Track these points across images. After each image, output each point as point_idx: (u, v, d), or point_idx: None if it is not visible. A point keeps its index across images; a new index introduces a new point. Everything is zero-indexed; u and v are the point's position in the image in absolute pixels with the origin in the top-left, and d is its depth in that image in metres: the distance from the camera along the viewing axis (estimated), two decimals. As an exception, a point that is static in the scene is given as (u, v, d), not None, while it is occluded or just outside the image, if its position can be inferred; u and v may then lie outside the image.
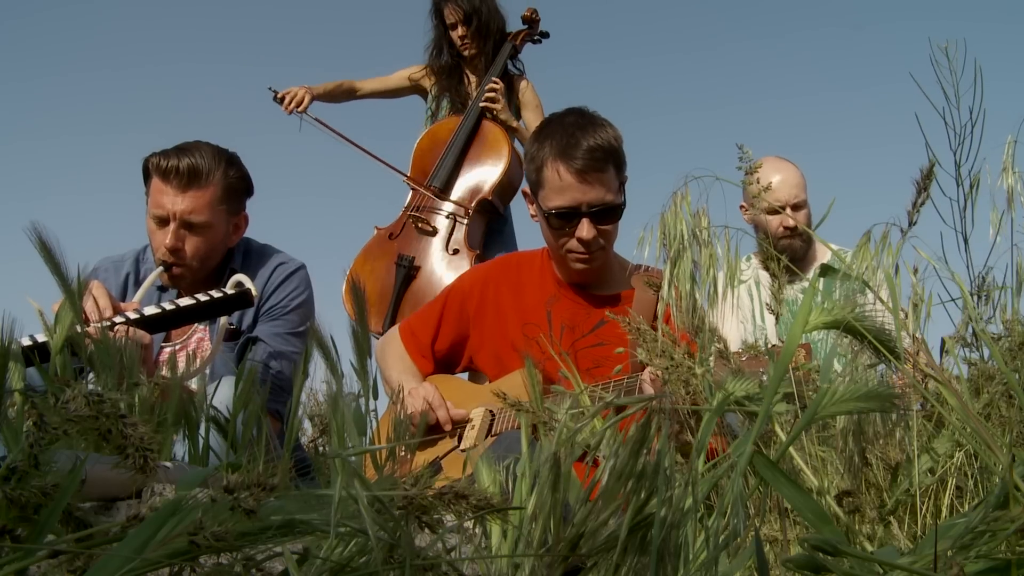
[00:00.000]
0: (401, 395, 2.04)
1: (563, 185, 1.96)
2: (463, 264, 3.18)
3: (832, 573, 0.58)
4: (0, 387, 0.99)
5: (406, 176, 3.40)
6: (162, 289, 2.14)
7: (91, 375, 1.27)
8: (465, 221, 3.29)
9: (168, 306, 1.74)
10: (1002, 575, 0.61)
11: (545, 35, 3.79)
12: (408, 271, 3.20)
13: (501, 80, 3.50)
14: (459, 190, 3.35)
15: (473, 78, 3.60)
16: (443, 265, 3.23)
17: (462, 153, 3.40)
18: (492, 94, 3.43)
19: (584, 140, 1.94)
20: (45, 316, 1.48)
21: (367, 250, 3.37)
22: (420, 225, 3.29)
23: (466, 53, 3.56)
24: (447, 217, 3.30)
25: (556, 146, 1.96)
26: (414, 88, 3.69)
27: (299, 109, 3.37)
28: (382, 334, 3.04)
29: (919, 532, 0.92)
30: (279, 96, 3.39)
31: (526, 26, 3.72)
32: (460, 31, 3.52)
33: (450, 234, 3.28)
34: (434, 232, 3.29)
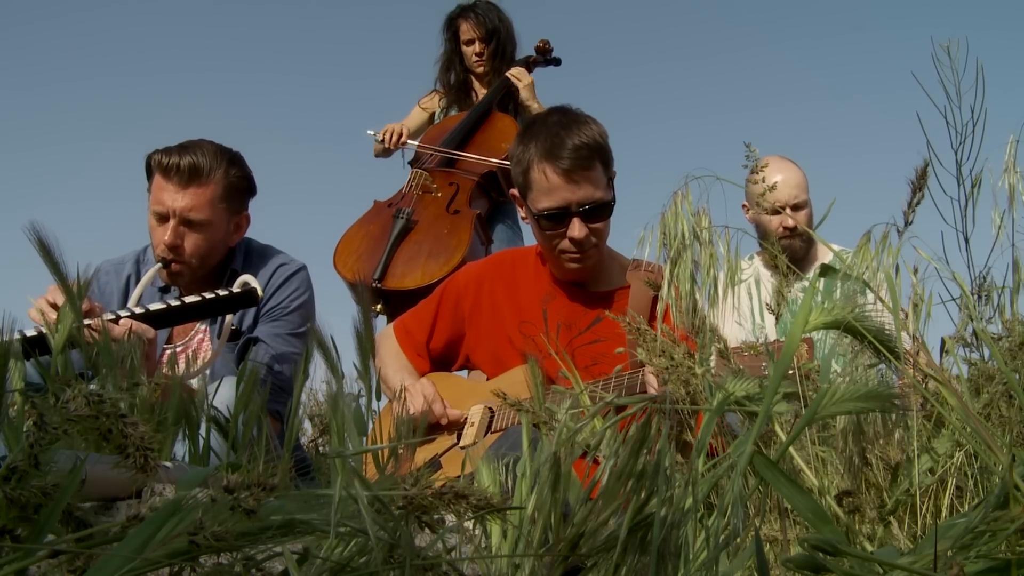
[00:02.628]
0: (401, 394, 2.04)
1: (551, 186, 1.95)
2: (463, 224, 3.13)
3: (832, 573, 0.58)
4: (0, 387, 0.99)
5: (451, 151, 3.37)
6: (164, 290, 2.14)
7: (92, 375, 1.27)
8: (469, 188, 3.27)
9: (173, 302, 1.74)
10: (1002, 575, 0.61)
11: (558, 62, 3.83)
12: (406, 223, 3.15)
13: (509, 99, 3.54)
14: (466, 160, 3.35)
15: (482, 92, 3.62)
16: (443, 222, 3.18)
17: (472, 130, 3.42)
18: (518, 71, 3.47)
19: (569, 139, 1.93)
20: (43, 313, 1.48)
21: (363, 218, 3.33)
22: (422, 185, 3.28)
23: (479, 70, 3.59)
24: (450, 184, 3.29)
25: (541, 147, 1.95)
26: (430, 117, 3.71)
27: (400, 142, 3.43)
28: (372, 284, 2.97)
29: (919, 532, 0.92)
30: (380, 138, 3.47)
31: (539, 55, 3.77)
32: (478, 47, 3.56)
33: (452, 197, 3.25)
34: (436, 192, 3.27)
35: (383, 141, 3.44)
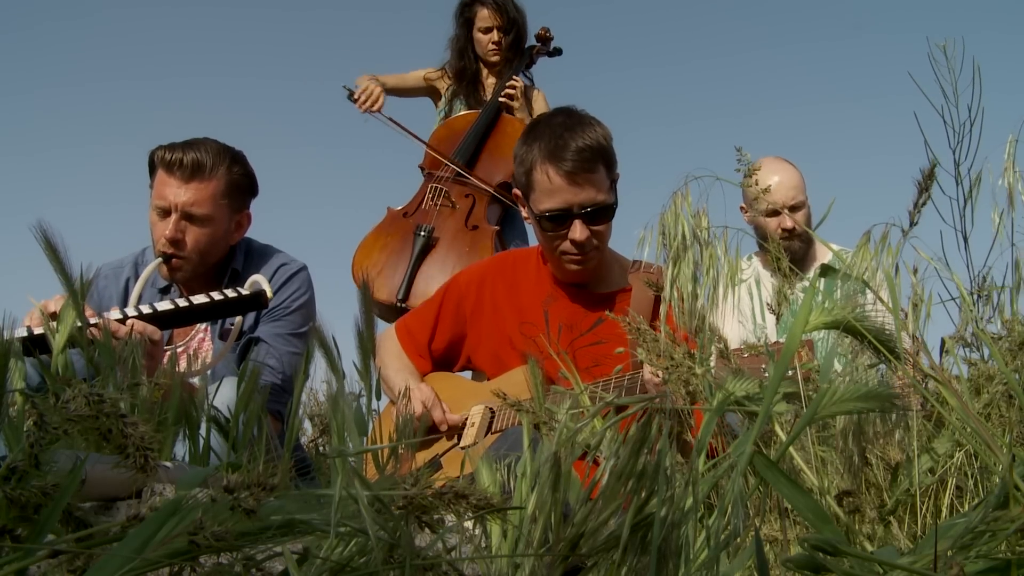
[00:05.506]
0: (403, 395, 2.04)
1: (553, 187, 1.94)
2: (483, 240, 3.12)
3: (832, 573, 0.58)
4: (1, 387, 0.99)
5: (452, 161, 3.31)
6: (164, 291, 2.14)
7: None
8: (485, 199, 3.24)
9: (182, 302, 1.73)
10: (1002, 575, 0.61)
11: (559, 52, 3.80)
12: (427, 240, 3.12)
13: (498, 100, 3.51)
14: (480, 170, 3.32)
15: (490, 82, 3.59)
16: (463, 239, 3.16)
17: (482, 140, 3.38)
18: (512, 90, 3.44)
19: (572, 141, 1.92)
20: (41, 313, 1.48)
21: (379, 227, 3.30)
22: (440, 200, 3.25)
23: (493, 59, 3.54)
24: (467, 196, 3.26)
25: (545, 148, 1.94)
26: (428, 90, 3.66)
27: (374, 109, 3.34)
28: (396, 304, 2.97)
29: (919, 532, 0.92)
30: (355, 96, 3.34)
31: (540, 43, 3.74)
32: (496, 36, 3.51)
33: (470, 210, 3.23)
34: (454, 207, 3.24)
35: (356, 101, 3.35)
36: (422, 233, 3.13)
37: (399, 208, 3.35)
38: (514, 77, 3.48)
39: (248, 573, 0.50)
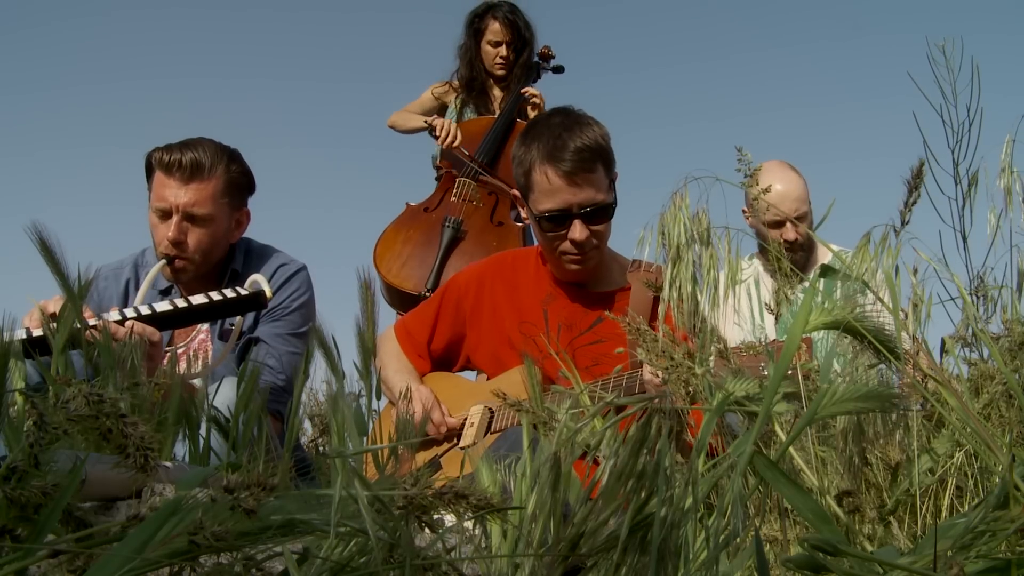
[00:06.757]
0: (403, 397, 2.04)
1: (552, 188, 1.94)
2: (510, 237, 3.12)
3: (832, 573, 0.58)
4: (1, 387, 0.99)
5: (478, 162, 3.30)
6: (165, 292, 2.14)
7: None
8: (507, 200, 3.24)
9: (180, 303, 1.73)
10: (1002, 575, 0.61)
11: (561, 69, 3.81)
12: (456, 232, 3.12)
13: (516, 105, 3.51)
14: (501, 172, 3.32)
15: (495, 94, 3.59)
16: (490, 234, 3.16)
17: (501, 145, 3.39)
18: (537, 101, 3.44)
19: (571, 141, 1.92)
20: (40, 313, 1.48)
21: (399, 221, 3.28)
22: (467, 194, 3.25)
23: (499, 72, 3.54)
24: (490, 194, 3.27)
25: (543, 149, 1.94)
26: (439, 107, 3.66)
27: (455, 144, 3.34)
28: (423, 294, 2.94)
29: (919, 532, 0.92)
30: (437, 134, 3.38)
31: (542, 61, 3.75)
32: (504, 51, 3.51)
33: (494, 208, 3.24)
34: (478, 204, 3.24)
35: (439, 139, 3.36)
36: (449, 225, 3.13)
37: (418, 203, 3.35)
38: (530, 88, 3.48)
39: (248, 573, 0.50)
